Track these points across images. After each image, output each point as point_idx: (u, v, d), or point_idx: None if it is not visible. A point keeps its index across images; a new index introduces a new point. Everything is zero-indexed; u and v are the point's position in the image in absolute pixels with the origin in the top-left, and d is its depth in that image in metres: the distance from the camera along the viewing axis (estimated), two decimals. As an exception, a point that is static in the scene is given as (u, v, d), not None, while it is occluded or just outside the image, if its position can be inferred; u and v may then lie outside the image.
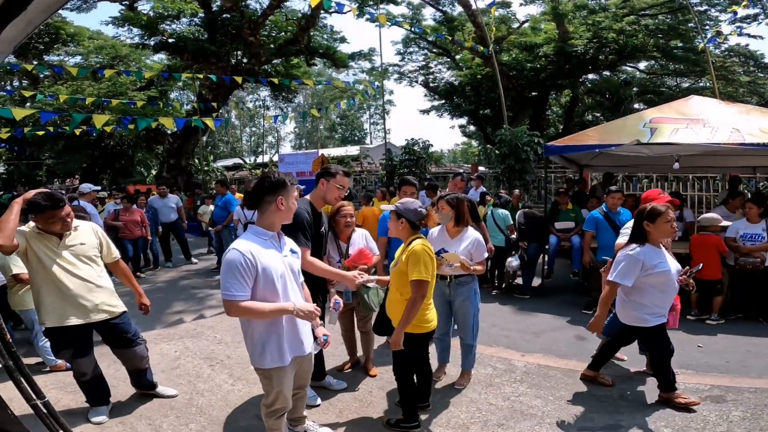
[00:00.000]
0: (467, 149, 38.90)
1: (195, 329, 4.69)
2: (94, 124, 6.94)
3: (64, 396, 3.17)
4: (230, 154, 35.09)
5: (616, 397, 3.16)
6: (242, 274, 2.02)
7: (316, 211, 2.93)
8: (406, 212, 2.63)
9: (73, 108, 11.53)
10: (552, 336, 4.40)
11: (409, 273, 2.50)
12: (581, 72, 17.00)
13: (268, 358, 2.15)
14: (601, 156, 6.75)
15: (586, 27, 15.18)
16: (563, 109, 21.58)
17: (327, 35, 18.30)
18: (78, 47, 17.87)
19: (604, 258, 3.81)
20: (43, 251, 2.67)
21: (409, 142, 12.38)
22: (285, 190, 2.18)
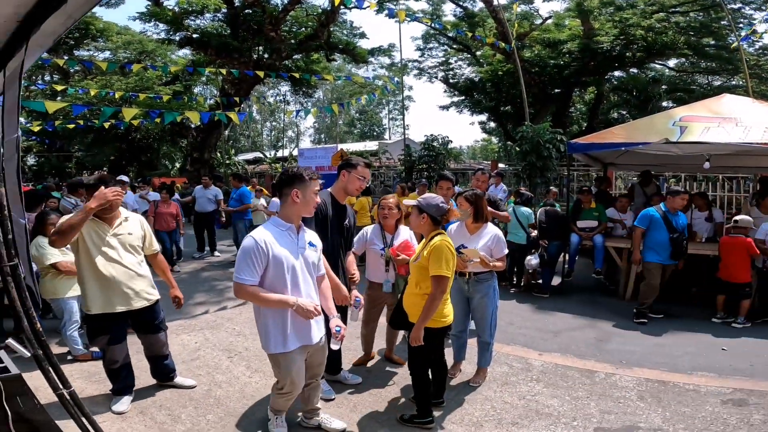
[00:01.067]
0: (487, 146, 38.43)
1: (215, 321, 4.79)
2: (122, 117, 7.14)
3: (88, 386, 3.25)
4: (251, 148, 35.58)
5: (634, 399, 3.11)
6: (253, 261, 2.14)
7: (337, 204, 2.95)
8: (428, 207, 2.62)
9: (102, 102, 11.91)
10: (571, 335, 4.34)
11: (430, 268, 2.50)
12: (607, 69, 16.57)
13: (272, 344, 2.27)
14: (627, 155, 6.59)
15: (613, 24, 14.76)
16: (587, 106, 21.08)
17: (347, 31, 18.34)
18: (107, 42, 18.41)
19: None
20: (92, 238, 2.77)
21: (429, 138, 12.31)
22: (301, 183, 2.24)
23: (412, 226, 2.75)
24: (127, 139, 18.53)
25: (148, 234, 3.09)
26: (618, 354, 3.88)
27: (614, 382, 3.36)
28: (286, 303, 2.18)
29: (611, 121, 18.16)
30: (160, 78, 16.61)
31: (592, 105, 19.71)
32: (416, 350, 2.60)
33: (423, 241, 2.71)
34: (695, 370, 3.55)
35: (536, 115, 16.45)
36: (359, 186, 2.97)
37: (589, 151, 6.23)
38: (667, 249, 4.61)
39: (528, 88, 13.29)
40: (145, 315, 2.96)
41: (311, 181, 2.28)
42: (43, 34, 1.12)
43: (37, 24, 1.07)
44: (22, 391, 1.80)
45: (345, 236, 3.02)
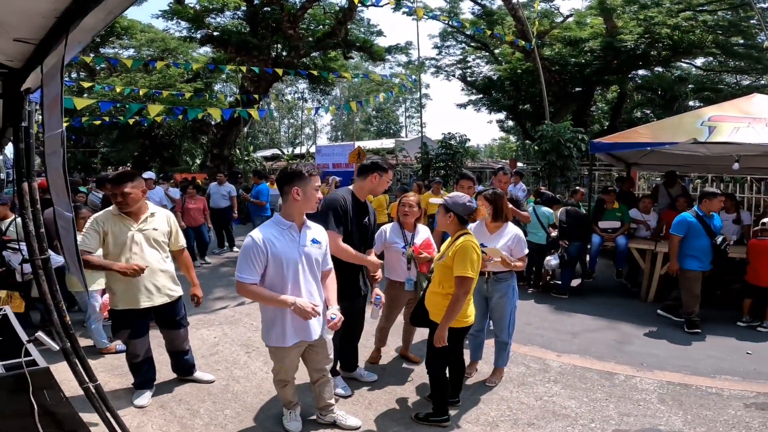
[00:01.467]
0: (504, 145, 37.98)
1: (233, 316, 4.87)
2: (146, 114, 7.31)
3: (111, 379, 3.30)
4: (269, 145, 35.98)
5: (655, 401, 3.06)
6: (252, 260, 2.20)
7: (358, 201, 2.97)
8: (454, 206, 2.60)
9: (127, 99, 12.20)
10: (590, 337, 4.27)
11: (455, 269, 2.48)
12: (631, 67, 16.16)
13: (272, 338, 2.36)
14: (651, 155, 6.45)
15: (637, 22, 14.39)
16: (609, 105, 20.61)
17: (364, 28, 18.36)
18: (131, 40, 18.83)
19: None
20: (117, 234, 2.80)
21: (446, 136, 12.23)
22: (301, 180, 2.25)
23: (438, 225, 2.75)
24: (150, 136, 18.96)
25: (175, 230, 3.09)
26: (639, 356, 3.81)
27: (634, 384, 3.31)
28: (285, 303, 2.22)
29: (634, 121, 17.73)
30: (182, 75, 16.93)
31: (614, 104, 19.26)
32: (437, 350, 2.59)
33: (448, 240, 2.70)
34: (718, 373, 3.48)
35: (556, 113, 16.18)
36: (385, 189, 3.06)
37: (613, 151, 6.11)
38: (708, 255, 4.38)
39: (548, 87, 13.06)
40: (167, 311, 2.99)
41: (311, 177, 2.28)
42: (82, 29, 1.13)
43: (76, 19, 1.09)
44: (50, 384, 1.83)
45: (366, 234, 3.02)
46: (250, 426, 2.76)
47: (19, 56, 1.50)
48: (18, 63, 1.57)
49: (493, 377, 3.30)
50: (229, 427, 2.73)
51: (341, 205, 2.82)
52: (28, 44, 1.37)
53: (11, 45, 1.38)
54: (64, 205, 1.65)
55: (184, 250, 3.21)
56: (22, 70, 1.60)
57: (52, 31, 1.24)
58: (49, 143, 1.49)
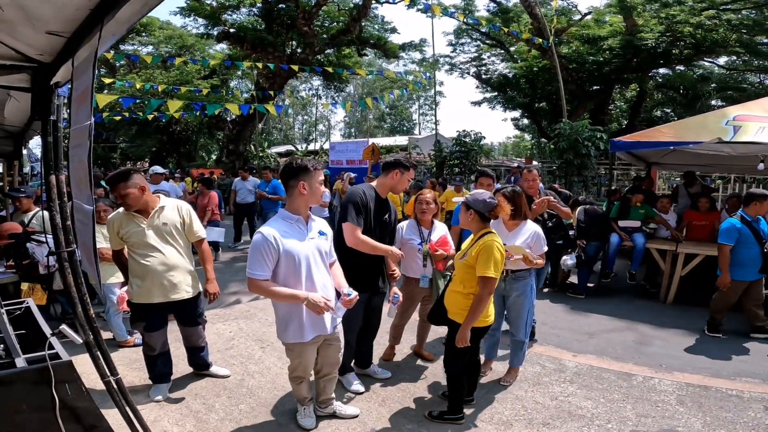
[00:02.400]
0: (519, 143, 37.57)
1: (249, 311, 4.91)
2: (164, 109, 7.41)
3: (129, 372, 3.31)
4: (283, 141, 36.23)
5: (674, 403, 3.01)
6: (263, 256, 2.18)
7: (380, 198, 2.96)
8: (475, 203, 2.56)
9: (146, 95, 12.42)
10: (607, 337, 4.21)
11: (479, 268, 2.45)
12: (651, 66, 15.84)
13: (290, 335, 2.35)
14: (673, 154, 6.30)
15: (659, 20, 14.09)
16: (629, 103, 20.21)
17: (378, 25, 18.34)
18: (150, 37, 19.14)
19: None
20: (130, 231, 2.79)
21: (461, 134, 12.15)
22: (307, 174, 2.25)
23: (460, 222, 2.72)
24: (168, 132, 19.29)
25: (188, 220, 2.97)
26: (658, 357, 3.75)
27: (653, 385, 3.26)
28: (297, 298, 2.21)
29: (654, 120, 17.40)
30: (199, 72, 17.15)
31: (633, 102, 18.91)
32: (456, 350, 2.56)
33: (470, 238, 2.67)
34: (739, 375, 3.40)
35: (573, 112, 15.95)
36: (406, 187, 3.05)
37: (634, 150, 5.99)
38: (758, 263, 4.01)
39: (565, 85, 12.89)
40: (183, 307, 2.97)
41: (316, 171, 2.29)
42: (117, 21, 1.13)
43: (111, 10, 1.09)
44: (72, 377, 1.83)
45: (386, 231, 3.01)
46: (265, 421, 2.77)
47: (50, 50, 1.52)
48: (48, 57, 1.60)
49: (507, 376, 3.28)
50: (244, 422, 2.75)
51: (361, 198, 2.81)
52: (60, 37, 1.38)
53: (43, 38, 1.40)
54: (84, 198, 1.65)
55: (203, 241, 3.10)
56: (52, 64, 1.63)
57: (86, 24, 1.25)
58: (76, 135, 1.50)
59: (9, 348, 1.89)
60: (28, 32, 1.39)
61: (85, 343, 1.88)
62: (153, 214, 2.85)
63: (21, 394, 1.78)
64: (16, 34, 1.41)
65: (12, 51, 1.56)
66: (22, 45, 1.52)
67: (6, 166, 5.54)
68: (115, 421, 2.03)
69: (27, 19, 1.27)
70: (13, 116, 3.26)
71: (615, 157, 6.92)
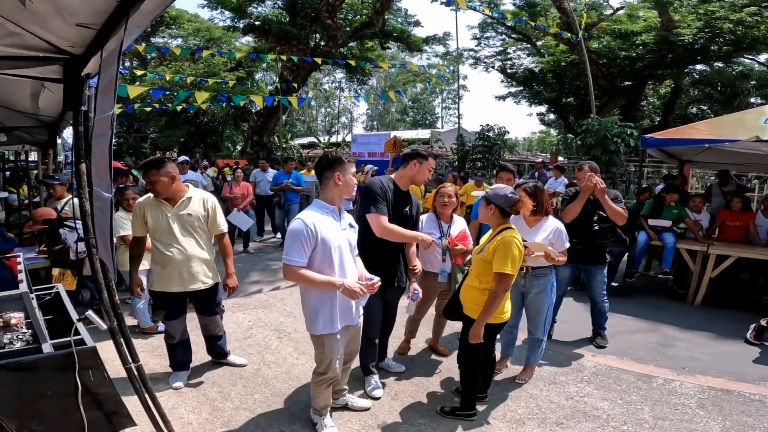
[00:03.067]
0: (545, 138, 36.71)
1: (267, 300, 5.00)
2: (192, 101, 7.58)
3: (151, 359, 3.37)
4: (306, 133, 36.57)
5: (694, 406, 2.93)
6: (303, 243, 2.20)
7: (399, 190, 2.92)
8: (495, 198, 2.51)
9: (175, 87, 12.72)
10: (629, 338, 4.11)
11: (495, 264, 2.41)
12: (687, 62, 15.20)
13: (320, 325, 2.32)
14: (707, 152, 6.06)
15: (696, 16, 13.48)
16: (662, 100, 19.44)
17: (401, 19, 18.19)
18: (179, 30, 19.59)
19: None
20: (155, 219, 2.83)
21: (484, 128, 11.98)
22: (341, 166, 2.31)
23: (480, 217, 2.66)
24: (195, 122, 19.76)
25: (212, 213, 3.00)
26: (681, 360, 3.64)
27: (673, 388, 3.17)
28: (333, 284, 2.23)
29: (689, 117, 16.71)
30: (226, 64, 17.45)
31: (667, 99, 18.17)
32: (470, 346, 2.55)
33: (489, 233, 2.62)
34: (764, 380, 3.28)
35: (602, 107, 15.48)
36: (427, 177, 2.95)
37: (667, 147, 5.77)
38: None
39: (594, 80, 12.51)
40: (202, 297, 3.02)
41: (349, 164, 2.36)
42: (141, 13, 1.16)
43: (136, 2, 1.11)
44: (95, 363, 1.86)
45: (407, 225, 2.94)
46: (277, 410, 2.82)
47: (81, 42, 1.58)
48: (79, 49, 1.65)
49: (523, 374, 3.24)
50: (258, 411, 2.80)
51: (380, 189, 2.79)
52: (90, 29, 1.43)
53: (73, 30, 1.45)
54: (104, 186, 1.67)
55: (224, 235, 3.12)
56: (83, 56, 1.69)
57: (113, 16, 1.29)
58: (99, 125, 1.55)
59: (37, 333, 1.95)
60: (59, 24, 1.44)
61: (109, 329, 1.92)
62: (180, 203, 2.89)
63: (45, 379, 1.81)
64: (48, 26, 1.47)
65: (44, 43, 1.62)
66: (54, 37, 1.58)
67: (41, 154, 5.79)
68: (134, 408, 2.06)
69: (57, 11, 1.31)
70: (47, 106, 3.39)
71: (645, 154, 6.69)
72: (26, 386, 1.81)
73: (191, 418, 2.71)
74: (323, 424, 2.56)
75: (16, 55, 1.71)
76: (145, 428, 2.31)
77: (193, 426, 2.63)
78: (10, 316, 2.04)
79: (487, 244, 2.53)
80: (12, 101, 3.23)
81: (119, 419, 2.04)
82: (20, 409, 1.81)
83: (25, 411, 1.83)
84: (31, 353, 1.84)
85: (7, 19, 1.42)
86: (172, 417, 2.28)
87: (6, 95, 3.03)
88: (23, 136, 4.76)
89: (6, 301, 2.22)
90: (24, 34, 1.54)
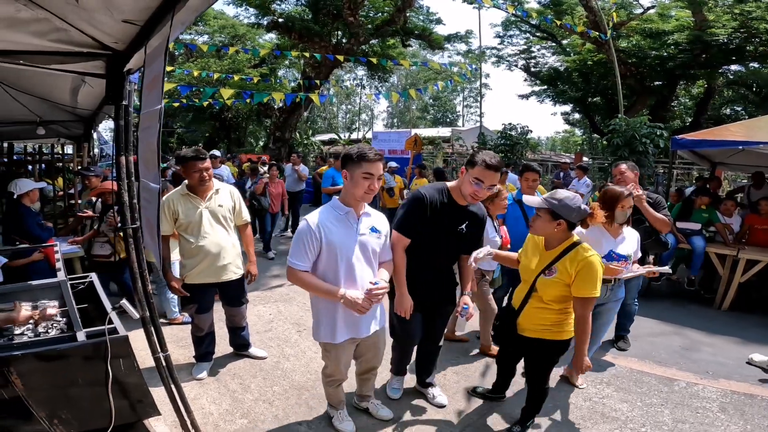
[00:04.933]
0: (569, 138, 35.95)
1: (288, 294, 5.07)
2: (218, 97, 7.72)
3: (175, 350, 3.42)
4: (327, 130, 36.80)
5: (715, 410, 2.87)
6: (305, 246, 2.05)
7: (454, 203, 2.43)
8: (566, 212, 2.14)
9: (202, 83, 13.00)
10: (651, 341, 4.03)
11: (580, 289, 2.13)
12: (722, 62, 14.65)
13: (321, 333, 2.24)
14: (740, 154, 5.89)
15: (732, 16, 12.98)
16: (694, 100, 18.79)
17: (423, 16, 18.08)
18: (205, 26, 19.97)
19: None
20: (186, 212, 2.87)
21: (506, 127, 11.83)
22: (348, 163, 2.08)
23: (538, 230, 2.28)
24: (220, 118, 20.17)
25: (238, 204, 3.10)
26: (704, 364, 3.57)
27: (695, 392, 3.13)
28: (333, 294, 2.06)
29: (722, 118, 16.11)
30: (250, 61, 17.71)
31: (700, 99, 17.54)
32: (547, 367, 2.40)
33: (553, 250, 2.26)
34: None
35: (631, 107, 15.07)
36: (473, 191, 2.30)
37: (698, 148, 5.63)
38: None
39: (623, 80, 12.19)
40: (230, 288, 3.07)
41: (360, 162, 2.02)
42: (187, 9, 1.19)
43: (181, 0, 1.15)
44: (126, 352, 1.91)
45: (460, 245, 2.54)
46: (295, 403, 2.86)
47: (124, 38, 1.65)
48: (122, 45, 1.72)
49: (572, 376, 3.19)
50: (276, 404, 2.85)
51: (423, 201, 2.35)
52: (134, 26, 1.49)
53: (119, 27, 1.51)
54: (152, 177, 1.72)
55: (248, 225, 3.22)
56: (125, 52, 1.76)
57: (158, 12, 1.34)
58: (146, 118, 1.61)
59: (72, 321, 2.01)
60: (106, 20, 1.50)
61: (141, 318, 1.95)
62: (210, 195, 2.96)
63: (78, 368, 1.86)
64: (94, 22, 1.53)
65: (90, 39, 1.69)
66: (99, 33, 1.65)
67: (76, 147, 6.02)
68: (158, 397, 2.13)
69: (105, 7, 1.37)
70: (85, 100, 3.53)
71: (675, 155, 6.52)
72: (59, 374, 1.85)
73: (212, 409, 2.77)
74: (339, 417, 2.55)
75: (62, 50, 1.79)
76: (168, 417, 2.39)
77: (214, 416, 2.70)
78: (46, 305, 2.11)
79: (555, 263, 2.21)
80: (53, 95, 3.37)
81: (144, 408, 2.12)
82: (52, 396, 1.86)
83: (57, 399, 1.87)
84: (66, 341, 1.87)
85: (56, 15, 1.49)
86: (194, 407, 2.33)
87: (48, 89, 3.17)
88: (59, 129, 4.96)
89: (44, 290, 2.32)
90: (70, 30, 1.60)
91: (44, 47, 1.72)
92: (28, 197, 3.88)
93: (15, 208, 3.84)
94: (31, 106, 3.65)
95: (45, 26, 1.55)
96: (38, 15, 1.46)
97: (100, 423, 1.99)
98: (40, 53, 1.79)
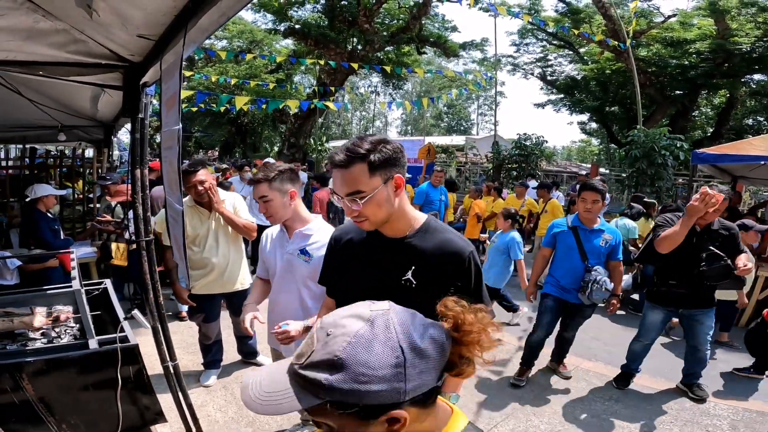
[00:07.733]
0: (585, 148, 35.49)
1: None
2: (233, 103, 7.83)
3: (184, 356, 3.42)
4: (341, 136, 37.09)
5: (725, 428, 2.80)
6: (261, 252, 2.16)
7: (381, 236, 1.32)
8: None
9: (219, 88, 13.22)
10: (663, 358, 3.93)
11: None
12: (745, 71, 14.34)
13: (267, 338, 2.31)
14: (762, 168, 5.74)
15: (755, 25, 12.70)
16: (716, 110, 18.38)
17: (438, 24, 18.12)
18: (224, 32, 20.37)
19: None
20: (194, 226, 2.83)
21: (521, 137, 11.73)
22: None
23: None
24: (236, 123, 20.50)
25: (238, 208, 2.99)
26: (717, 381, 3.49)
27: (706, 409, 3.05)
28: (246, 309, 1.96)
29: (744, 128, 15.72)
30: (266, 66, 17.98)
31: (722, 109, 17.16)
32: None
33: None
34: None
35: (650, 117, 14.81)
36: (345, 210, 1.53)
37: (719, 163, 5.49)
38: None
39: (642, 89, 12.00)
40: (237, 298, 3.03)
41: (259, 182, 1.96)
42: (198, 29, 1.21)
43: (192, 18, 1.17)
44: (136, 361, 1.92)
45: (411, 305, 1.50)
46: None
47: (140, 51, 1.68)
48: (138, 57, 1.76)
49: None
50: (281, 413, 2.86)
51: (331, 245, 1.51)
52: (149, 40, 1.52)
53: (134, 41, 1.54)
54: (175, 198, 1.70)
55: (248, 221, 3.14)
56: (141, 64, 1.80)
57: (171, 29, 1.37)
58: (166, 138, 1.61)
59: (85, 328, 2.02)
60: (122, 35, 1.54)
61: (152, 328, 1.98)
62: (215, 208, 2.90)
63: (89, 375, 1.88)
64: (111, 35, 1.57)
65: (107, 51, 1.73)
66: (116, 46, 1.68)
67: (96, 152, 6.14)
68: (164, 404, 2.13)
69: (121, 22, 1.40)
70: (105, 108, 3.61)
71: (696, 168, 6.37)
72: (71, 381, 1.87)
73: (218, 416, 2.78)
74: None
75: (81, 62, 1.84)
76: (174, 424, 2.38)
77: (220, 424, 2.70)
78: (59, 310, 2.14)
79: None
80: (73, 104, 3.45)
81: (152, 415, 2.12)
82: (62, 402, 1.87)
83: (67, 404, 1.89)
84: (78, 348, 1.89)
85: (74, 27, 1.53)
86: (200, 414, 2.33)
87: (69, 98, 3.24)
88: (80, 134, 5.07)
89: (59, 296, 2.35)
90: (89, 42, 1.65)
91: (63, 59, 1.76)
92: (42, 202, 3.82)
93: (30, 212, 3.84)
94: (53, 112, 3.74)
95: (63, 38, 1.59)
96: (57, 26, 1.50)
97: (107, 428, 2.01)
98: (59, 64, 1.83)
